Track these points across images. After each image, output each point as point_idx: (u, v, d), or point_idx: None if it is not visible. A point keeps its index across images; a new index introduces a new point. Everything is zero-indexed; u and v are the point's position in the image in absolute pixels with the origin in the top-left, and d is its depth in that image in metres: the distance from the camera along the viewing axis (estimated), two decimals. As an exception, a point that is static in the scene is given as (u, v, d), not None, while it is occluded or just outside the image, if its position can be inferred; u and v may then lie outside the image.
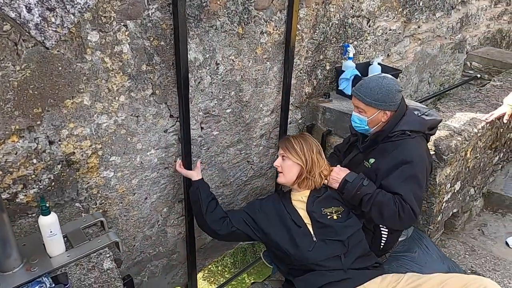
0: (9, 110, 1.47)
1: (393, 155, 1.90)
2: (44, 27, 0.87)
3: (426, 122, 1.97)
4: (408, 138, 1.90)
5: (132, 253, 2.23)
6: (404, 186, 1.82)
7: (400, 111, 1.94)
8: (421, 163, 1.87)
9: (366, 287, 1.79)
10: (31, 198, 1.65)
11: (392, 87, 1.90)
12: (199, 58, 2.01)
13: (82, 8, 0.91)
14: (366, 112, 1.94)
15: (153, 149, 2.04)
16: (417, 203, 1.83)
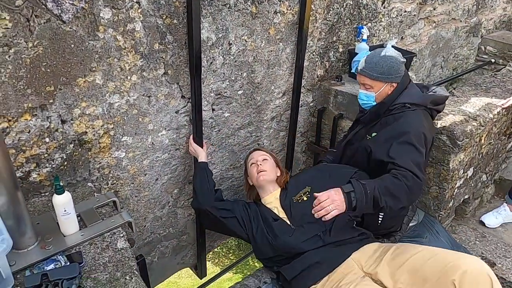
0: (22, 88, 1.45)
1: (392, 127, 1.89)
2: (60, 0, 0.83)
3: (429, 96, 1.93)
4: (408, 111, 1.88)
5: (142, 233, 2.24)
6: (401, 154, 1.75)
7: (402, 84, 1.92)
8: (418, 134, 1.81)
9: (352, 258, 1.79)
10: (44, 177, 1.65)
11: (395, 59, 1.90)
12: (212, 37, 1.97)
13: (99, -20, 0.87)
14: (373, 87, 1.93)
15: (164, 130, 2.02)
16: (417, 167, 1.71)
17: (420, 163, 1.76)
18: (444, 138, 2.25)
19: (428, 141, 1.87)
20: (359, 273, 1.76)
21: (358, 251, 1.85)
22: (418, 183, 1.68)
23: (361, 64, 1.99)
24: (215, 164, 2.42)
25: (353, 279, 1.70)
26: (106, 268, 1.33)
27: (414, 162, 1.72)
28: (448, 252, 1.70)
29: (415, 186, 1.67)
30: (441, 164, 2.31)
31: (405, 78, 1.93)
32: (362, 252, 1.84)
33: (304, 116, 2.80)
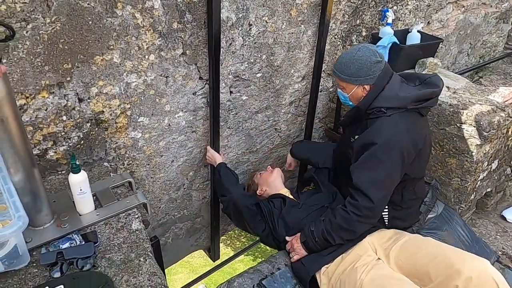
0: (39, 65, 1.43)
1: (363, 135, 1.76)
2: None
3: (409, 96, 1.71)
4: (383, 116, 1.71)
5: (157, 214, 2.25)
6: (360, 170, 1.71)
7: (377, 86, 1.73)
8: (389, 145, 1.67)
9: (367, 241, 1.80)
10: (60, 155, 1.65)
11: (366, 59, 1.72)
12: (232, 17, 1.91)
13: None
14: (345, 88, 1.82)
15: (181, 112, 1.99)
16: (375, 187, 1.67)
17: (381, 181, 1.69)
18: (470, 129, 2.17)
19: (407, 148, 1.70)
20: (373, 255, 1.77)
21: (373, 235, 1.85)
22: (369, 207, 1.67)
23: (335, 62, 1.87)
24: (231, 147, 2.39)
25: (368, 261, 1.71)
26: (120, 249, 1.32)
27: (371, 181, 1.67)
28: (455, 252, 1.65)
29: (367, 212, 1.69)
30: (465, 155, 2.23)
31: (381, 78, 1.74)
32: (376, 237, 1.84)
33: (323, 102, 2.73)
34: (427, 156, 1.93)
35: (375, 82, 1.74)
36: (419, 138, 1.76)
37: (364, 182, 1.69)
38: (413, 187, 1.93)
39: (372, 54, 1.74)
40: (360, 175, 1.71)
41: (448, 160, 2.32)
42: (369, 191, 1.67)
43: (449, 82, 2.55)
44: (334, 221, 1.73)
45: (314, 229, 1.78)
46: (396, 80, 1.79)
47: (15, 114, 1.15)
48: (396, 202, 1.91)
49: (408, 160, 1.73)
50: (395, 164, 1.69)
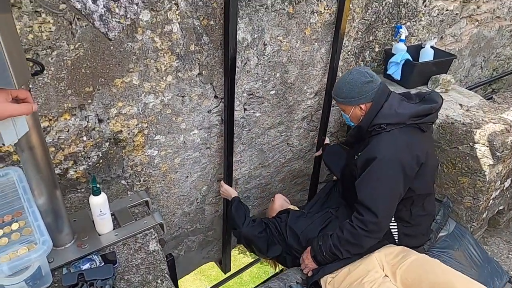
0: (63, 89, 1.48)
1: (365, 151, 1.82)
2: (108, 18, 0.84)
3: (407, 112, 1.77)
4: (383, 132, 1.78)
5: (171, 228, 2.29)
6: (364, 189, 1.76)
7: (375, 104, 1.81)
8: (387, 160, 1.72)
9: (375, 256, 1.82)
10: (80, 174, 1.70)
11: (356, 81, 1.81)
12: (247, 38, 1.95)
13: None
14: (345, 110, 1.92)
15: (196, 129, 2.03)
16: (378, 202, 1.72)
17: (383, 195, 1.73)
18: (483, 149, 2.17)
19: (408, 161, 1.74)
20: (380, 272, 1.78)
21: (381, 251, 1.86)
22: (375, 222, 1.71)
23: (334, 87, 1.99)
24: (243, 162, 2.42)
25: (375, 278, 1.74)
26: (138, 270, 1.36)
27: (375, 196, 1.73)
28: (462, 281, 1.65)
29: (373, 227, 1.73)
30: (477, 174, 2.23)
31: (378, 97, 1.81)
32: (384, 253, 1.85)
33: (335, 117, 2.75)
34: (432, 172, 1.95)
35: (373, 101, 1.82)
36: (420, 153, 1.78)
37: (368, 197, 1.74)
38: (421, 203, 1.94)
39: (362, 75, 1.83)
40: (364, 191, 1.76)
41: (460, 179, 2.32)
42: (373, 206, 1.72)
43: (463, 99, 2.55)
44: (342, 236, 1.78)
45: (322, 244, 1.83)
46: (394, 98, 1.86)
47: (41, 142, 1.20)
48: (405, 219, 1.93)
49: (411, 174, 1.76)
50: (397, 178, 1.73)
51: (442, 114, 2.34)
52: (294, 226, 2.02)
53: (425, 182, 1.88)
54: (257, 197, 2.66)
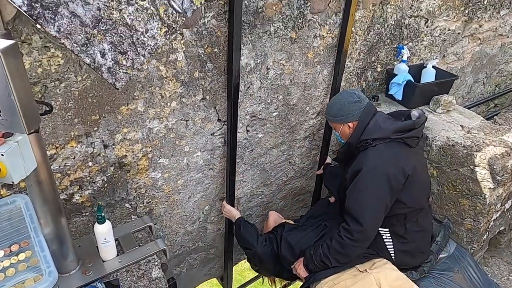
0: (70, 118, 1.52)
1: (352, 166, 1.92)
2: (115, 70, 0.87)
3: (391, 127, 1.88)
4: (369, 147, 1.89)
5: (173, 246, 2.32)
6: (350, 199, 1.86)
7: (362, 122, 1.93)
8: (372, 171, 1.82)
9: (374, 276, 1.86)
10: (85, 198, 1.73)
11: (344, 101, 1.95)
12: (251, 63, 1.98)
13: (152, 49, 0.90)
14: (335, 128, 2.05)
15: (199, 151, 2.06)
16: (364, 211, 1.80)
17: (368, 205, 1.81)
18: (483, 172, 2.19)
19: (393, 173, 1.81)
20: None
21: (380, 272, 1.88)
22: (360, 231, 1.80)
23: None
24: (246, 182, 2.45)
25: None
26: (141, 299, 1.39)
27: (360, 206, 1.81)
28: None
29: (358, 236, 1.81)
30: (478, 197, 2.24)
31: (364, 115, 1.93)
32: (384, 274, 1.87)
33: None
34: (423, 188, 2.01)
35: (360, 119, 1.94)
36: (406, 166, 1.85)
37: (353, 206, 1.83)
38: (415, 218, 1.99)
39: (350, 96, 1.97)
40: (350, 200, 1.86)
41: (461, 201, 2.33)
42: (359, 215, 1.81)
43: (464, 120, 2.57)
44: (331, 245, 1.87)
45: (313, 253, 1.93)
46: (380, 116, 1.98)
47: (49, 176, 1.23)
48: (399, 233, 1.99)
49: (397, 186, 1.83)
50: (382, 188, 1.81)
51: (443, 136, 2.36)
52: (289, 238, 2.09)
53: (414, 196, 1.93)
54: (259, 215, 2.69)
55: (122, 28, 0.84)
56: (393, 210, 1.90)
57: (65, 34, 0.78)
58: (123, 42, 0.85)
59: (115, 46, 0.85)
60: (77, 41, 0.79)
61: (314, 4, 2.05)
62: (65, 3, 0.76)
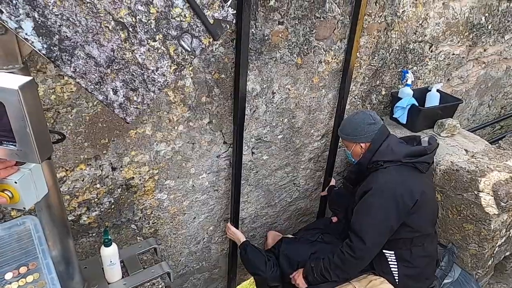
0: (80, 142, 1.57)
1: (362, 186, 1.96)
2: (126, 105, 0.91)
3: (403, 151, 1.91)
4: (380, 169, 1.92)
5: (177, 266, 2.33)
6: (356, 216, 1.90)
7: (374, 143, 1.97)
8: (380, 191, 1.84)
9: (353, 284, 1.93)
10: (92, 219, 1.77)
11: (361, 121, 1.99)
12: (257, 88, 2.02)
13: (161, 85, 0.94)
14: (347, 146, 2.09)
15: (205, 173, 2.10)
16: (368, 230, 1.83)
17: (373, 224, 1.84)
18: (487, 198, 2.19)
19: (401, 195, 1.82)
20: None
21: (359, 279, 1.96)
22: (362, 249, 1.83)
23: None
24: (250, 203, 2.47)
25: None
26: (145, 322, 1.41)
27: (365, 224, 1.84)
28: None
29: (360, 253, 1.84)
30: (482, 223, 2.24)
31: (377, 137, 1.97)
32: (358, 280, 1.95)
33: (342, 157, 2.80)
34: (431, 214, 2.02)
35: (373, 140, 1.98)
36: (415, 190, 1.87)
37: (358, 224, 1.87)
38: (422, 243, 2.00)
39: (367, 117, 2.01)
40: (355, 218, 1.90)
41: (465, 226, 2.33)
42: (363, 233, 1.84)
43: (468, 144, 2.58)
44: (332, 260, 1.91)
45: (314, 266, 1.97)
46: (393, 139, 2.02)
47: (59, 200, 1.27)
48: (405, 258, 1.99)
49: (404, 209, 1.84)
50: (388, 209, 1.83)
51: (447, 160, 2.37)
52: (286, 251, 2.14)
53: (421, 221, 1.94)
54: (262, 235, 2.70)
55: (134, 67, 0.88)
56: (400, 234, 1.91)
57: (80, 74, 0.83)
58: (135, 79, 0.89)
59: (126, 83, 0.89)
60: (91, 80, 0.84)
61: (320, 31, 2.10)
62: (81, 46, 0.80)
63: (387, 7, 2.36)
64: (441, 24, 2.74)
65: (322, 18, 2.07)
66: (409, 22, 2.54)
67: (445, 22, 2.75)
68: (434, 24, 2.69)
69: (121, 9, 0.83)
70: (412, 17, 2.54)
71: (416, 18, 2.57)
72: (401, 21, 2.49)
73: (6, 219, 1.54)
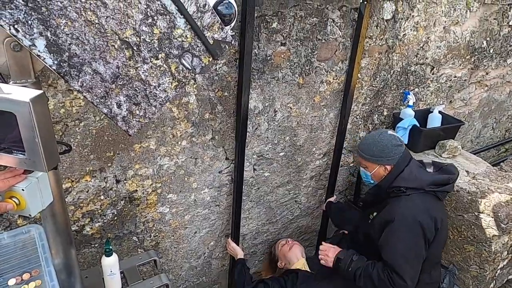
0: (86, 154, 1.63)
1: (383, 213, 1.91)
2: (129, 119, 0.97)
3: (427, 179, 1.89)
4: (403, 195, 1.87)
5: (177, 281, 2.35)
6: (388, 251, 1.82)
7: (397, 167, 1.92)
8: (408, 222, 1.79)
9: None
10: (95, 230, 1.81)
11: (388, 142, 1.93)
12: (259, 106, 2.09)
13: (163, 100, 1.00)
14: (368, 167, 2.01)
15: (207, 188, 2.14)
16: (406, 266, 1.77)
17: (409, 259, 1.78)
18: (488, 219, 2.19)
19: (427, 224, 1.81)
20: None
21: None
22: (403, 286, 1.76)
23: (359, 143, 2.10)
24: (252, 219, 2.50)
25: None
26: (141, 333, 1.43)
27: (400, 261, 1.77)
28: None
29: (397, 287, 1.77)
30: (483, 244, 2.23)
31: (402, 161, 1.93)
32: None
33: (344, 176, 2.83)
34: (443, 240, 2.00)
35: (396, 164, 1.93)
36: (437, 219, 1.85)
37: (393, 260, 1.79)
38: (429, 270, 1.97)
39: (393, 138, 1.96)
40: (389, 254, 1.82)
41: (466, 247, 2.32)
42: (402, 272, 1.77)
43: (469, 166, 2.60)
44: (371, 272, 1.83)
45: (355, 260, 1.90)
46: (414, 164, 1.97)
47: (63, 210, 1.32)
48: None
49: (430, 237, 1.82)
50: (418, 240, 1.80)
51: (447, 181, 2.39)
52: None
53: (435, 248, 1.92)
54: (263, 252, 2.71)
55: (137, 83, 0.95)
56: None
57: (87, 88, 0.89)
58: (138, 95, 0.96)
59: (130, 98, 0.95)
60: (97, 94, 0.90)
61: (321, 53, 2.17)
62: (88, 62, 0.87)
63: (388, 30, 2.43)
64: (442, 47, 2.80)
65: (323, 40, 2.14)
66: (410, 45, 2.61)
67: (446, 45, 2.81)
68: (435, 47, 2.75)
69: (127, 30, 0.90)
70: (413, 40, 2.61)
71: (417, 41, 2.63)
72: (402, 44, 2.56)
73: (12, 227, 1.59)
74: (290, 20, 1.96)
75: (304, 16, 2.00)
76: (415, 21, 2.53)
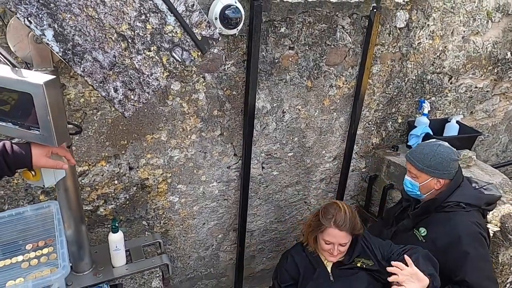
0: (102, 141, 1.81)
1: (447, 230, 1.84)
2: (125, 102, 1.12)
3: (484, 196, 1.90)
4: (463, 211, 1.84)
5: (186, 269, 2.48)
6: (471, 271, 1.75)
7: (455, 181, 1.90)
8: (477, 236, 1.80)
9: None
10: (108, 212, 1.99)
11: (447, 156, 1.88)
12: (267, 106, 2.20)
13: (155, 88, 1.15)
14: (418, 177, 1.93)
15: (215, 182, 2.27)
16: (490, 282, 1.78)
17: (490, 276, 1.78)
18: (495, 229, 2.16)
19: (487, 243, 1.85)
20: None
21: None
22: None
23: (412, 150, 2.01)
24: (260, 216, 2.60)
25: None
26: (138, 303, 1.57)
27: (486, 279, 1.75)
28: None
29: None
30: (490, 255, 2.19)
31: (459, 176, 1.91)
32: None
33: (355, 181, 2.86)
34: None
35: (454, 178, 1.90)
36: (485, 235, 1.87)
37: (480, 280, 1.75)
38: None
39: (452, 152, 1.91)
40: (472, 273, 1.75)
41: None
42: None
43: (484, 176, 2.55)
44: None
45: None
46: (467, 180, 1.98)
47: (74, 186, 1.50)
48: None
49: None
50: (488, 255, 1.83)
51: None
52: None
53: None
54: (271, 250, 2.79)
55: (132, 71, 1.09)
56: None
57: (87, 73, 1.05)
58: (132, 81, 1.10)
59: (125, 84, 1.10)
60: (96, 79, 1.06)
61: (330, 58, 2.26)
62: (89, 51, 1.03)
63: (402, 38, 2.47)
64: (461, 57, 2.79)
65: (333, 45, 2.23)
66: (425, 53, 2.63)
67: (465, 55, 2.80)
68: (453, 56, 2.75)
69: (123, 24, 1.05)
70: (429, 49, 2.62)
71: (433, 50, 2.65)
72: (417, 52, 2.59)
73: (35, 202, 1.79)
74: (298, 26, 2.07)
75: (313, 22, 2.11)
76: (430, 30, 2.55)
